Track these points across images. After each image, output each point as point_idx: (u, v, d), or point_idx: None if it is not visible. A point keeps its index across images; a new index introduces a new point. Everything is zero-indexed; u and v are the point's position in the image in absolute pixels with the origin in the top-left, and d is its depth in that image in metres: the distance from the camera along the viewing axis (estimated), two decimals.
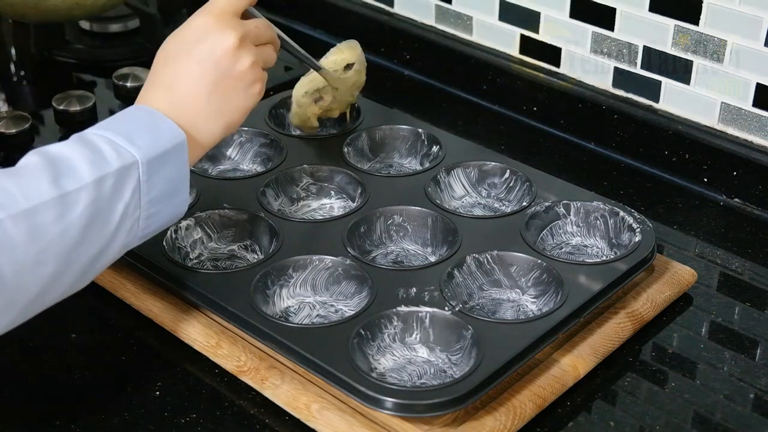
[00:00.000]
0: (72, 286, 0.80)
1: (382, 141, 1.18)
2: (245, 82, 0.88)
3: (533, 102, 1.32)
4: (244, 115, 0.90)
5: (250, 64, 0.88)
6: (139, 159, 0.81)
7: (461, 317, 0.91)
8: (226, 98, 0.88)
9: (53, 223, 0.76)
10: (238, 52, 0.87)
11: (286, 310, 0.96)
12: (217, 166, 1.16)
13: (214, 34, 0.87)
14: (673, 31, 1.17)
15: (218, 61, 0.87)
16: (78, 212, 0.77)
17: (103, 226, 0.79)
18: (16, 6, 1.27)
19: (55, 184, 0.76)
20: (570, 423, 0.89)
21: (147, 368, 0.94)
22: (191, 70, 0.87)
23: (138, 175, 0.81)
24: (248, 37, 0.88)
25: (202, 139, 0.88)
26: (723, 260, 1.09)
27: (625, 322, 0.96)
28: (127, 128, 0.83)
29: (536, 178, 1.09)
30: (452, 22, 1.39)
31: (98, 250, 0.80)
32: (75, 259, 0.78)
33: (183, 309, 0.96)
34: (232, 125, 0.90)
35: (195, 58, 0.87)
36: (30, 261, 0.75)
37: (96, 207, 0.78)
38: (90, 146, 0.80)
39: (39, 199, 0.75)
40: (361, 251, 1.00)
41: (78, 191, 0.77)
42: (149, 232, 0.85)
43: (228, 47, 0.87)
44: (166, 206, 0.84)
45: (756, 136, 1.16)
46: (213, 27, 0.87)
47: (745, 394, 0.92)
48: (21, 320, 0.78)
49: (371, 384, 0.84)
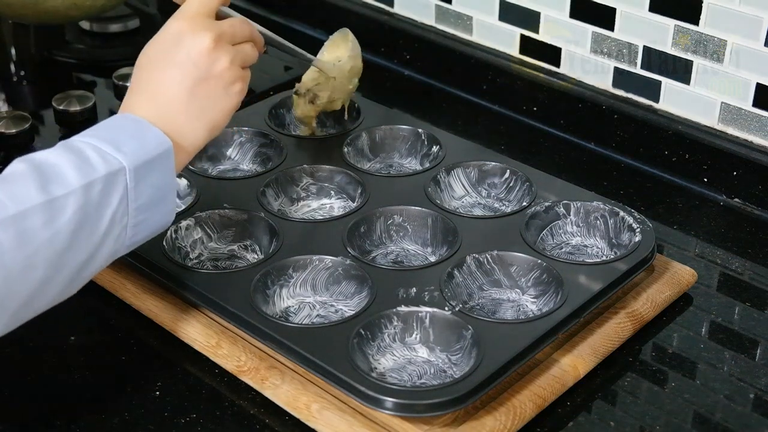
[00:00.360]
0: (60, 293, 0.80)
1: (382, 141, 1.18)
2: (225, 81, 0.88)
3: (533, 102, 1.32)
4: (227, 116, 0.90)
5: (228, 64, 0.88)
6: (126, 166, 0.81)
7: (461, 317, 0.91)
8: (207, 99, 0.87)
9: (42, 229, 0.75)
10: (214, 53, 0.87)
11: (286, 310, 0.96)
12: (217, 166, 1.16)
13: (188, 37, 0.87)
14: (673, 31, 1.18)
15: (195, 63, 0.86)
16: (66, 218, 0.77)
17: (92, 233, 0.79)
18: (14, 6, 1.27)
19: (43, 189, 0.76)
20: (570, 423, 0.89)
21: (147, 368, 0.94)
22: (171, 75, 0.87)
23: (125, 182, 0.81)
24: (223, 36, 0.88)
25: (187, 144, 0.87)
26: (723, 260, 1.09)
27: (625, 322, 0.96)
28: (113, 136, 0.83)
29: (536, 178, 1.09)
30: (452, 22, 1.39)
31: (87, 256, 0.79)
32: (64, 265, 0.78)
33: (183, 309, 0.96)
34: (215, 127, 0.89)
35: (173, 62, 0.87)
36: (18, 266, 0.74)
37: (84, 213, 0.78)
38: (76, 153, 0.80)
39: (27, 204, 0.75)
40: (361, 251, 1.00)
41: (66, 196, 0.77)
42: (137, 240, 0.85)
43: (203, 48, 0.87)
44: (154, 214, 0.84)
45: (756, 136, 1.16)
46: (187, 30, 0.87)
47: (745, 394, 0.92)
48: (11, 327, 0.78)
49: (371, 384, 0.84)
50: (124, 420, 0.88)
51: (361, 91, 1.18)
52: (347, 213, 1.05)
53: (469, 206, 1.10)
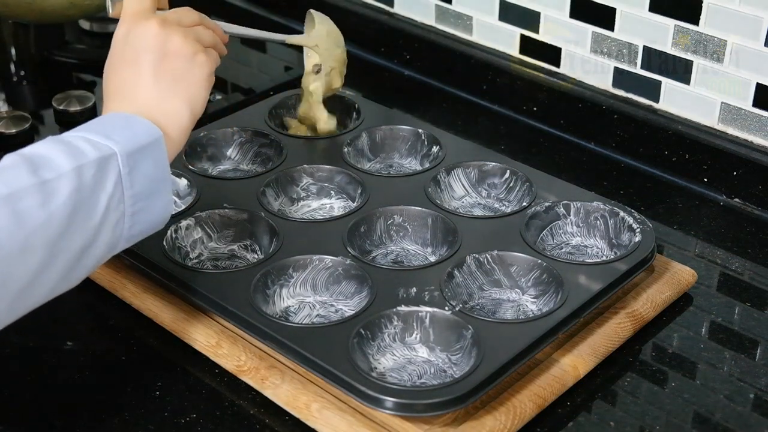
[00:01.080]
0: (60, 281, 0.80)
1: (382, 141, 1.18)
2: (184, 55, 0.88)
3: (533, 102, 1.32)
4: (201, 87, 0.89)
5: (182, 39, 0.88)
6: (118, 151, 0.81)
7: (461, 317, 0.91)
8: (174, 76, 0.88)
9: (37, 210, 0.76)
10: (163, 32, 0.88)
11: (286, 310, 0.96)
12: (217, 166, 1.17)
13: (134, 32, 0.88)
14: (673, 31, 1.18)
15: (148, 48, 0.87)
16: (61, 201, 0.77)
17: (88, 217, 0.79)
18: (11, 6, 1.27)
19: (34, 174, 0.77)
20: (570, 423, 0.89)
21: (147, 368, 0.94)
22: (132, 71, 0.88)
23: (118, 167, 0.81)
24: (168, 20, 0.89)
25: (174, 128, 0.87)
26: (723, 260, 1.09)
27: (625, 322, 0.96)
28: (102, 128, 0.83)
29: (536, 178, 1.09)
30: (452, 22, 1.39)
31: (85, 242, 0.79)
32: (62, 250, 0.78)
33: (183, 309, 0.96)
34: (194, 100, 0.89)
35: (129, 60, 0.88)
36: (16, 248, 0.74)
37: (79, 196, 0.78)
38: (66, 143, 0.80)
39: (18, 186, 0.75)
40: (361, 251, 1.00)
41: (58, 179, 0.77)
42: (135, 233, 0.84)
43: (152, 32, 0.88)
44: (150, 204, 0.84)
45: (756, 136, 1.16)
46: (131, 28, 0.89)
47: (745, 394, 0.92)
48: (11, 316, 0.78)
49: (371, 383, 0.84)
50: (124, 420, 0.88)
51: (361, 91, 1.18)
52: (347, 213, 1.05)
53: (469, 206, 1.10)
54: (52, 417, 0.88)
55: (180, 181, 1.09)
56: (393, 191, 1.08)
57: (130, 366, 0.94)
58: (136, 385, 0.91)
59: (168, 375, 0.93)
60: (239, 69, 1.47)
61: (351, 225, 1.02)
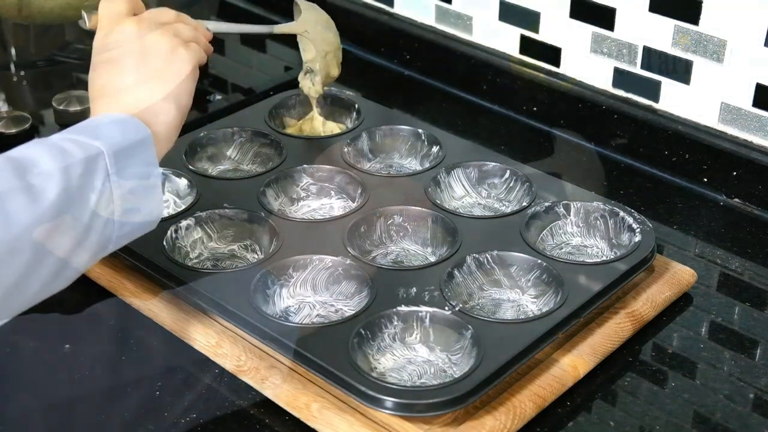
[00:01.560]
0: (50, 281, 0.79)
1: (382, 141, 1.18)
2: (164, 49, 0.88)
3: (533, 102, 1.32)
4: (186, 83, 0.89)
5: (160, 35, 0.89)
6: (105, 150, 0.81)
7: (461, 317, 0.91)
8: (156, 71, 0.88)
9: (24, 210, 0.75)
10: (139, 31, 0.88)
11: (286, 310, 0.96)
12: (217, 166, 1.17)
13: (112, 33, 0.89)
14: (673, 31, 1.17)
15: (128, 47, 0.88)
16: (49, 201, 0.76)
17: (77, 217, 0.79)
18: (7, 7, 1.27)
19: (20, 176, 0.76)
20: (570, 423, 0.89)
21: (147, 368, 0.94)
22: (114, 72, 0.88)
23: (106, 166, 0.80)
24: (144, 19, 0.90)
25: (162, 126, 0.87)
26: (723, 260, 1.09)
27: (625, 322, 0.96)
28: (88, 129, 0.83)
29: (536, 178, 1.09)
30: (452, 22, 1.39)
31: (74, 242, 0.79)
32: (50, 250, 0.77)
33: (183, 309, 0.96)
34: (180, 96, 0.88)
35: (111, 61, 0.88)
36: (4, 248, 0.74)
37: (67, 196, 0.78)
38: (51, 145, 0.80)
39: (5, 187, 0.75)
40: (361, 251, 1.00)
41: (45, 180, 0.77)
42: (126, 232, 0.84)
43: (129, 32, 0.88)
44: (140, 204, 0.84)
45: (756, 136, 1.16)
46: (107, 32, 0.89)
47: (745, 394, 0.92)
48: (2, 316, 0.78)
49: (371, 383, 0.84)
50: (124, 420, 0.88)
51: (361, 91, 1.18)
52: (347, 213, 1.05)
53: (469, 206, 1.10)
54: (53, 417, 0.88)
55: (180, 181, 1.09)
56: (393, 191, 1.08)
57: (130, 366, 0.94)
58: (136, 385, 0.91)
59: (168, 375, 0.93)
60: (239, 69, 1.47)
61: (351, 225, 1.02)
